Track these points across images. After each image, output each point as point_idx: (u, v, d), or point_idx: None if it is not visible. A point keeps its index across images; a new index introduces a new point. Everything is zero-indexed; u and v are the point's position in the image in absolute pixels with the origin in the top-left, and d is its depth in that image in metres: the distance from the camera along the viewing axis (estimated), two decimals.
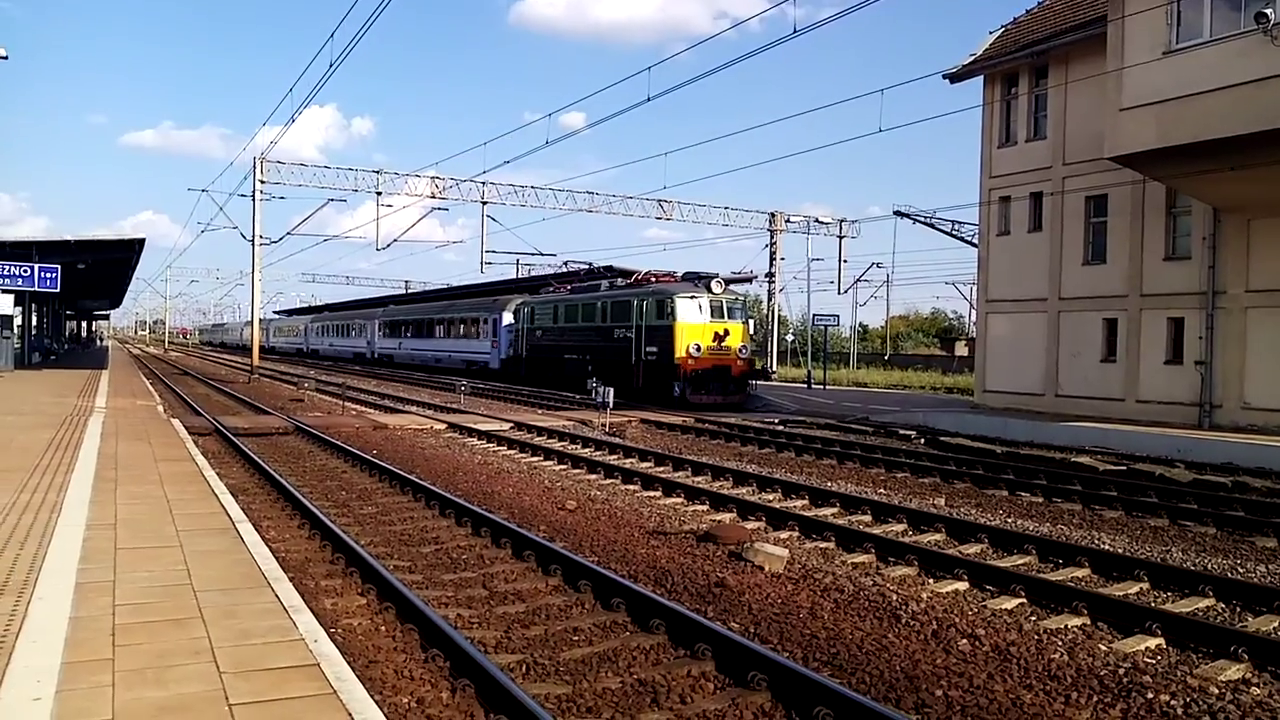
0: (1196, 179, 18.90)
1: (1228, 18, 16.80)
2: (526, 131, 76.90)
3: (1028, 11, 26.30)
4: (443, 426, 20.55)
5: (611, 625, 6.72)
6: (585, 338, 31.91)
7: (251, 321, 42.54)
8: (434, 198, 37.13)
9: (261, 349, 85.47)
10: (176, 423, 17.48)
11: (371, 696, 4.37)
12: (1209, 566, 9.00)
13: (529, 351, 36.18)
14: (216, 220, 74.62)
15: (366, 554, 8.11)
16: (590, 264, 39.52)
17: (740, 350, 27.29)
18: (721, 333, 26.90)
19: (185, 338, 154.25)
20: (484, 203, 37.11)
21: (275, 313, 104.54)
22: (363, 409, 25.32)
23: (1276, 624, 7.17)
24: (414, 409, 25.60)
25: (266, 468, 13.16)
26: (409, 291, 77.54)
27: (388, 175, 36.40)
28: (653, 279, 30.64)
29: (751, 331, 31.59)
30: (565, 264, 40.63)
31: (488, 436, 18.86)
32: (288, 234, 42.00)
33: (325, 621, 6.11)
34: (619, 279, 33.60)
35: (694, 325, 26.85)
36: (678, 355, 26.54)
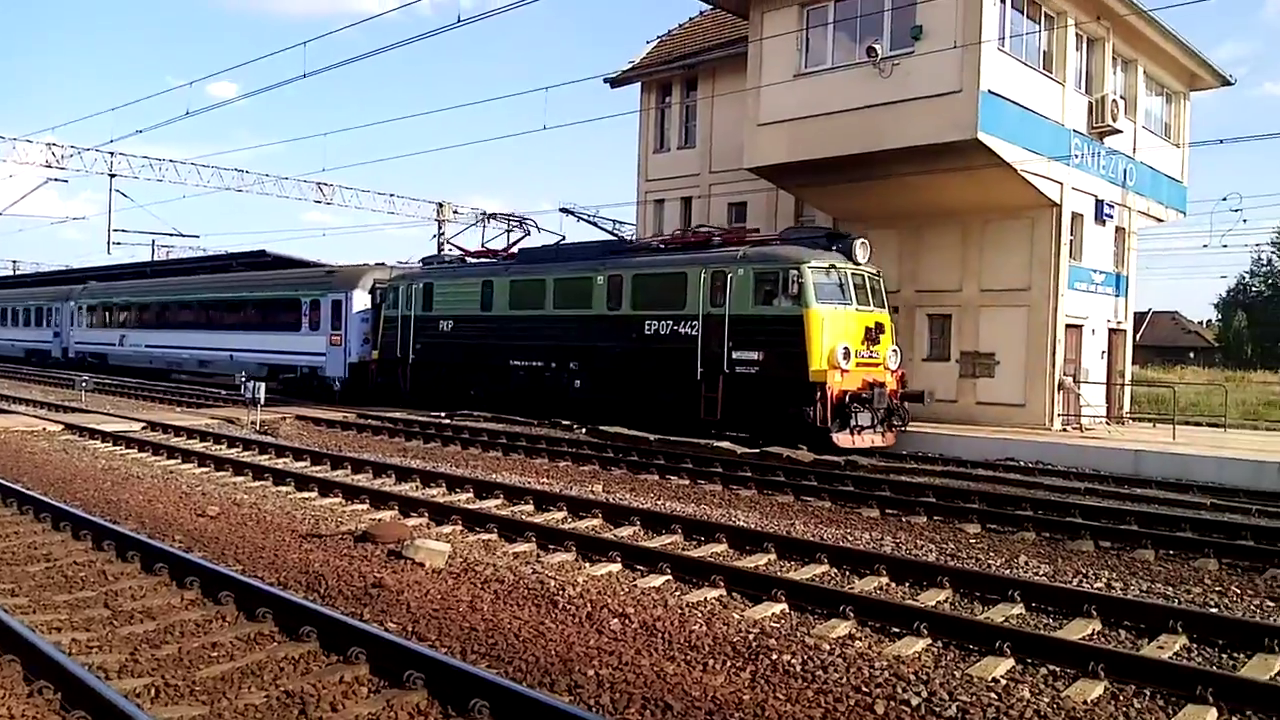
0: (820, 191, 21.28)
1: (847, 47, 19.05)
2: (166, 98, 69.99)
3: (681, 25, 28.10)
4: (58, 428, 18.16)
5: (256, 637, 6.30)
6: (565, 334, 20.73)
7: None
8: (50, 167, 32.70)
9: None
10: None
11: None
12: (825, 536, 10.13)
13: (420, 354, 24.21)
14: None
15: None
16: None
17: (890, 357, 17.77)
18: (873, 328, 17.38)
19: None
20: (112, 175, 33.26)
21: None
22: None
23: (875, 584, 8.23)
24: (23, 408, 22.42)
25: None
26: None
27: None
28: (715, 235, 19.83)
29: None
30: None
31: (114, 438, 16.91)
32: None
33: None
34: (624, 239, 22.84)
35: (839, 313, 16.97)
36: (814, 366, 16.44)
